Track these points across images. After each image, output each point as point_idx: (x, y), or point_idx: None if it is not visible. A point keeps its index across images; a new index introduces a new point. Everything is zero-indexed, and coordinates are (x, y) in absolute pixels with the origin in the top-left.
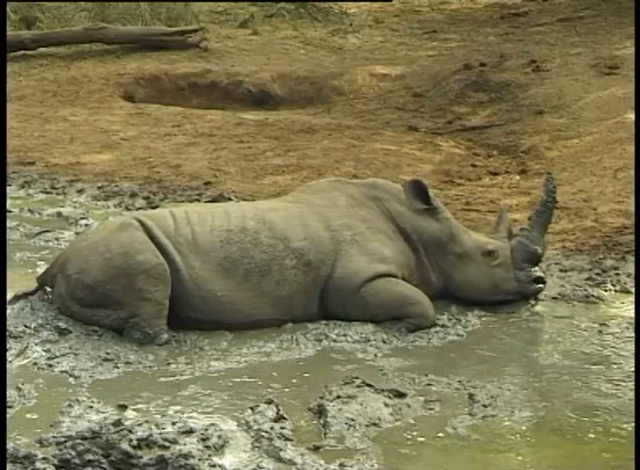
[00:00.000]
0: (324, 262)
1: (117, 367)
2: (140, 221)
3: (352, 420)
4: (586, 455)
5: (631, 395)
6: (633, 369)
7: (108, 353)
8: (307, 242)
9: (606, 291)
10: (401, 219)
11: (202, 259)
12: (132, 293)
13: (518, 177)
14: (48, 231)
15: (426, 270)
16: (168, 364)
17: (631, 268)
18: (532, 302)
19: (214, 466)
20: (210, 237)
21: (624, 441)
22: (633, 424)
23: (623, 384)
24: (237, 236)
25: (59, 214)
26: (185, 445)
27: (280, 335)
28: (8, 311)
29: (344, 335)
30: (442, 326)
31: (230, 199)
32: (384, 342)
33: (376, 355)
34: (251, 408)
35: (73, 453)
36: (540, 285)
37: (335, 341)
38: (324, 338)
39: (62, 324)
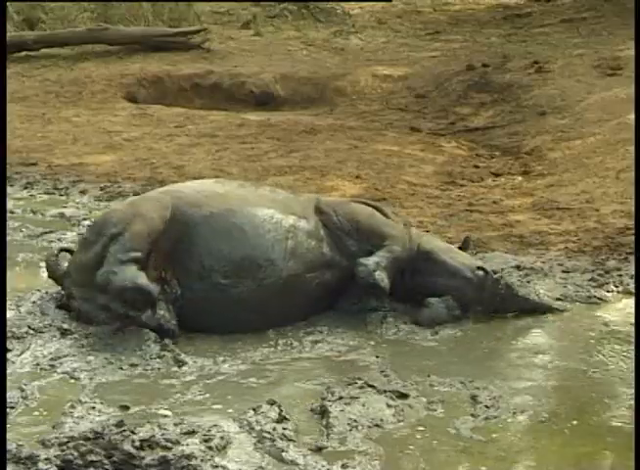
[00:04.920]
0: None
1: (120, 369)
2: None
3: (355, 421)
4: (588, 456)
5: (632, 395)
6: (634, 370)
7: (111, 355)
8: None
9: (608, 292)
10: None
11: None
12: (132, 211)
13: (520, 178)
14: (51, 232)
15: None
16: (171, 366)
17: (634, 269)
18: None
19: (217, 467)
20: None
21: (626, 442)
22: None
23: (624, 385)
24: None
25: (61, 215)
26: (187, 445)
27: (281, 336)
28: (12, 312)
29: (345, 335)
30: (443, 327)
31: None
32: (385, 342)
33: (377, 357)
34: (254, 409)
35: (76, 454)
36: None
37: (335, 341)
38: (324, 339)
39: (65, 325)
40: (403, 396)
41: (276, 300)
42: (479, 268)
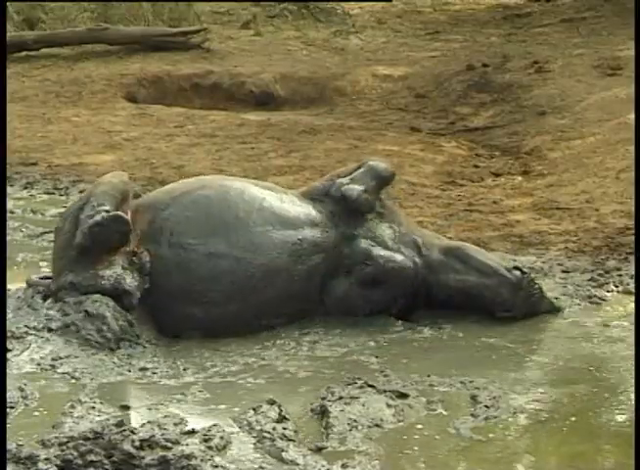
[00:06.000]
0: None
1: (120, 368)
2: None
3: (355, 421)
4: (589, 456)
5: (632, 395)
6: (634, 370)
7: (110, 355)
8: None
9: (608, 292)
10: None
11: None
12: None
13: (520, 178)
14: (51, 232)
15: None
16: (170, 366)
17: (634, 269)
18: None
19: (217, 467)
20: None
21: (627, 441)
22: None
23: (625, 385)
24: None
25: (61, 215)
26: (187, 445)
27: (280, 336)
28: (11, 313)
29: (345, 335)
30: (443, 327)
31: None
32: (385, 342)
33: (377, 357)
34: (254, 409)
35: (76, 454)
36: None
37: (335, 341)
38: (324, 338)
39: (65, 325)
40: (403, 396)
41: (247, 255)
42: (515, 268)
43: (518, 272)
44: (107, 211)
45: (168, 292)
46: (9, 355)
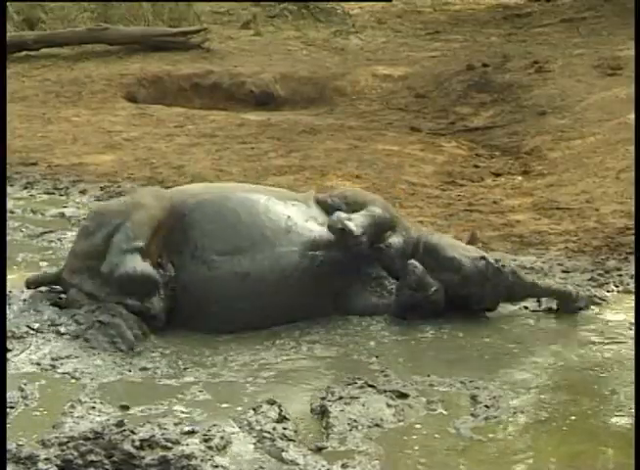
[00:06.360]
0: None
1: (120, 368)
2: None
3: (355, 421)
4: (588, 456)
5: (632, 395)
6: (634, 370)
7: (111, 355)
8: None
9: (608, 292)
10: None
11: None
12: (133, 201)
13: (520, 178)
14: (51, 232)
15: None
16: (170, 366)
17: (634, 269)
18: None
19: (217, 467)
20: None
21: (626, 441)
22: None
23: (624, 385)
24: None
25: (61, 215)
26: (187, 445)
27: (280, 336)
28: (10, 313)
29: (345, 335)
30: (443, 327)
31: None
32: (385, 342)
33: (377, 356)
34: (254, 409)
35: (76, 454)
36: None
37: (335, 341)
38: (324, 338)
39: (65, 325)
40: (403, 396)
41: (271, 276)
42: (481, 258)
43: (482, 262)
44: (140, 249)
45: (187, 306)
46: (9, 355)
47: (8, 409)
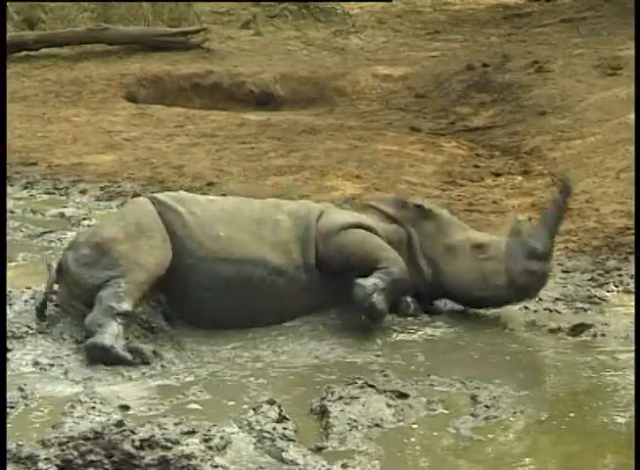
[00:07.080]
0: (311, 213)
1: (120, 368)
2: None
3: (355, 421)
4: (589, 456)
5: (632, 395)
6: (634, 370)
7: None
8: (297, 204)
9: (608, 292)
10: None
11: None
12: (134, 256)
13: (520, 178)
14: (51, 232)
15: (415, 254)
16: (170, 366)
17: (634, 269)
18: (535, 302)
19: (217, 467)
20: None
21: (626, 441)
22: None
23: (624, 384)
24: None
25: (61, 215)
26: (187, 445)
27: (280, 336)
28: (10, 313)
29: (345, 335)
30: (444, 327)
31: None
32: (385, 342)
33: (377, 356)
34: (254, 409)
35: (76, 454)
36: (533, 278)
37: (335, 341)
38: (324, 338)
39: (65, 325)
40: (403, 396)
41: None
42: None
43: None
44: (125, 314)
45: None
46: (9, 355)
47: (8, 409)
